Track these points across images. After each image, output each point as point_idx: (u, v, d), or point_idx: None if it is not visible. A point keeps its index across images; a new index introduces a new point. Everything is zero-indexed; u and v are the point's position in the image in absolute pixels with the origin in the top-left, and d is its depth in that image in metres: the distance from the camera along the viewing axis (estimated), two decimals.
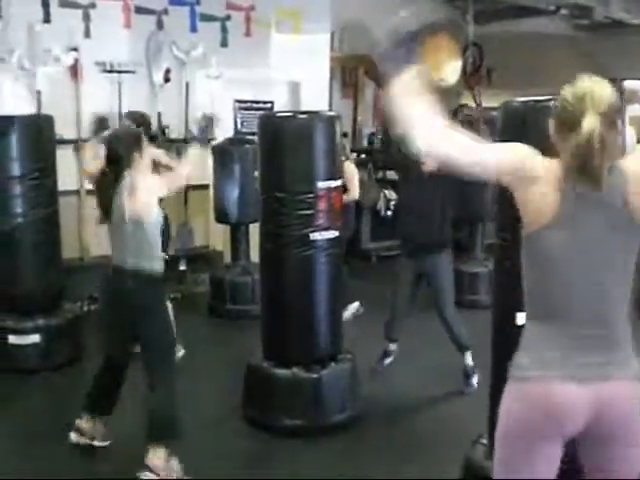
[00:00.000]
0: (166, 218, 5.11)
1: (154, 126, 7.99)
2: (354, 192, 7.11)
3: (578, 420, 2.33)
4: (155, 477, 4.07)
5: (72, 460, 4.51)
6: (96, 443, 4.49)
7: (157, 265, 4.20)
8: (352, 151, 9.27)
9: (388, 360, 5.88)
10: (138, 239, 4.10)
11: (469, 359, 5.62)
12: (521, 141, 3.15)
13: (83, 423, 4.49)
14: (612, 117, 2.24)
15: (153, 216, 4.11)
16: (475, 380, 5.57)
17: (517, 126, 3.36)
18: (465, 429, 4.00)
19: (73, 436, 4.48)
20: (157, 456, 4.09)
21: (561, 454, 2.41)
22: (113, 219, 4.15)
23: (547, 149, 2.35)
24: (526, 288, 2.46)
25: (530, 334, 2.44)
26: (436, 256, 5.51)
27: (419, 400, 5.49)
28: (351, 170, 7.28)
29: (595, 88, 2.28)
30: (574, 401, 2.31)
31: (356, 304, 7.31)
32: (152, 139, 6.09)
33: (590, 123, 2.18)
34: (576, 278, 2.35)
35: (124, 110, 7.75)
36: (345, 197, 6.71)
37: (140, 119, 5.95)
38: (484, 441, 3.68)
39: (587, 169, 2.20)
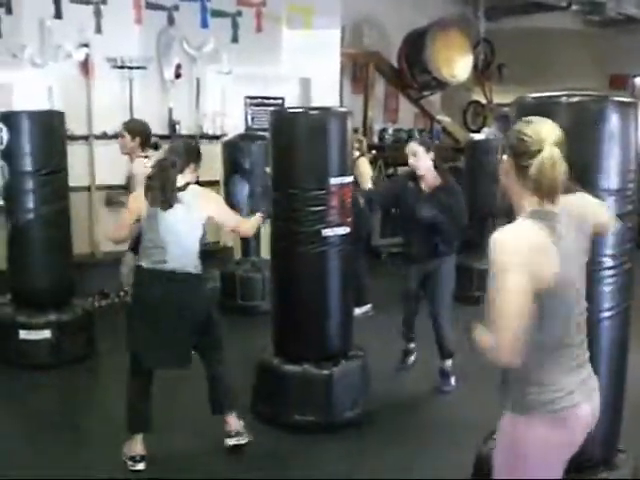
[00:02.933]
0: None
1: (165, 122, 8.05)
2: (363, 190, 7.07)
3: None
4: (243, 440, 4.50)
5: (82, 455, 4.54)
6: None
7: None
8: None
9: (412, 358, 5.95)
10: None
11: (449, 363, 5.66)
12: None
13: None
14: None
15: None
16: (453, 380, 5.62)
17: None
18: (476, 426, 3.98)
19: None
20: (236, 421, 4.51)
21: None
22: None
23: None
24: None
25: None
26: (439, 260, 5.49)
27: (430, 397, 5.48)
28: (364, 166, 7.25)
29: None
30: None
31: (369, 306, 7.31)
32: (155, 147, 6.05)
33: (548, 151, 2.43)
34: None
35: (135, 106, 7.78)
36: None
37: (140, 127, 5.76)
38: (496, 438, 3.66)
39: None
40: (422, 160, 5.34)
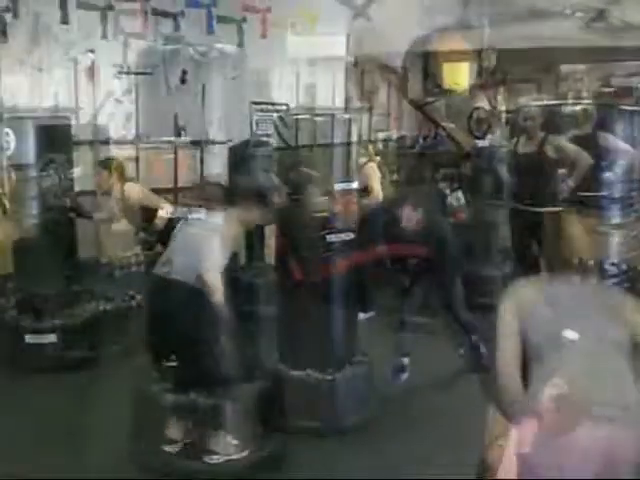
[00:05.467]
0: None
1: (171, 127, 8.07)
2: (375, 194, 7.09)
3: None
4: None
5: (85, 458, 4.55)
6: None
7: None
8: None
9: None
10: None
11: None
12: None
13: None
14: None
15: None
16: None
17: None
18: (481, 431, 3.98)
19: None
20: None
21: None
22: None
23: None
24: None
25: None
26: None
27: (434, 402, 5.48)
28: (371, 171, 7.26)
29: None
30: None
31: (372, 313, 7.30)
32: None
33: None
34: None
35: (140, 112, 7.80)
36: (367, 200, 6.71)
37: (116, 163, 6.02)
38: (500, 443, 3.67)
39: None
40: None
